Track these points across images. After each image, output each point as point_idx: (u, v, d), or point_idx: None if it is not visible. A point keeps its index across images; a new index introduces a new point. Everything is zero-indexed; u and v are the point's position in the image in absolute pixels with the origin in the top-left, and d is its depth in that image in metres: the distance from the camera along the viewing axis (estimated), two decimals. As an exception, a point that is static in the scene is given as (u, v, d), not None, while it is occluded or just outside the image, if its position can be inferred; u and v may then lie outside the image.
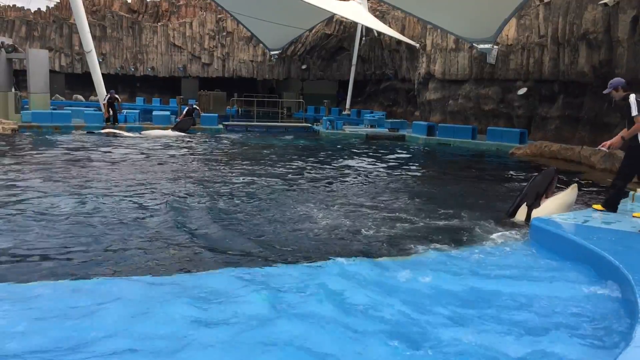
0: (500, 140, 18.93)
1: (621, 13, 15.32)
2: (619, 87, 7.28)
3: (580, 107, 17.82)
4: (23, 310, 4.27)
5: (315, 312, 4.32)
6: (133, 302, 4.44)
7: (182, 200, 9.02)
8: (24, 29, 40.11)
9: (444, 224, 7.87)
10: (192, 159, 14.64)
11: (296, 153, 17.01)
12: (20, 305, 4.36)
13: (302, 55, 38.49)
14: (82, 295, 4.60)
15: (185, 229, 7.18)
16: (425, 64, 25.17)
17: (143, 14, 42.45)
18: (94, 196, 8.97)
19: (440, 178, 12.92)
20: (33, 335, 3.81)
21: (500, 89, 21.27)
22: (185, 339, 3.81)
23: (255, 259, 5.98)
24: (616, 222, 6.72)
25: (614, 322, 4.19)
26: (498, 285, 5.06)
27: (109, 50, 40.11)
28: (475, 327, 4.13)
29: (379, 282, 5.06)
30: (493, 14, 18.38)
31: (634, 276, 4.53)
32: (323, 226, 7.52)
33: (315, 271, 5.42)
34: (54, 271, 5.41)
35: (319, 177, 12.03)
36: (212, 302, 4.48)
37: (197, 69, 40.23)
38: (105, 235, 6.72)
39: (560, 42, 18.16)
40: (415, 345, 3.80)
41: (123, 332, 3.90)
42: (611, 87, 7.31)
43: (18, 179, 10.43)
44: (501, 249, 6.45)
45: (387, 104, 33.75)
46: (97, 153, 15.03)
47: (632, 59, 15.14)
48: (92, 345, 3.69)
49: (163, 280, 5.12)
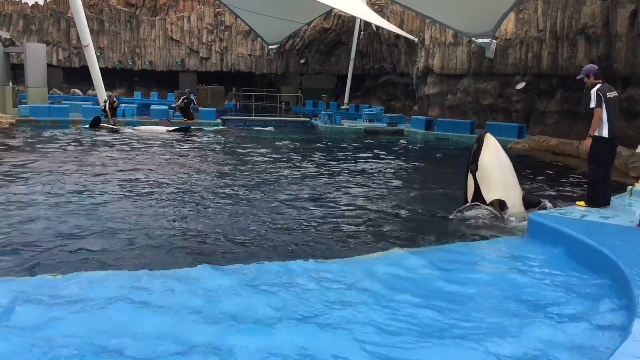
0: (499, 134, 18.63)
1: (620, 7, 15.30)
2: (590, 74, 7.11)
3: (579, 101, 17.80)
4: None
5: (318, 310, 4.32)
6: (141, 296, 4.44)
7: (175, 196, 9.02)
8: (22, 23, 39.91)
9: (441, 217, 7.89)
10: (187, 155, 14.62)
11: (293, 148, 16.97)
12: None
13: (300, 50, 38.40)
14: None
15: (173, 224, 7.18)
16: (424, 58, 25.12)
17: (141, 8, 42.30)
18: (89, 191, 8.97)
19: (437, 172, 12.92)
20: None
21: (499, 84, 21.26)
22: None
23: (241, 255, 5.99)
24: (614, 216, 6.73)
25: (611, 317, 4.19)
26: (494, 279, 5.07)
27: (106, 44, 39.95)
28: (474, 323, 4.14)
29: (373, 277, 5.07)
30: (492, 8, 18.34)
31: (631, 270, 4.54)
32: (322, 223, 7.52)
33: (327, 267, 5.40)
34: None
35: (316, 173, 12.02)
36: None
37: (195, 63, 40.12)
38: (108, 230, 6.72)
39: (559, 36, 18.14)
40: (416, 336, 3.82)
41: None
42: (583, 74, 7.16)
43: (13, 172, 10.41)
44: (498, 244, 6.46)
45: (385, 98, 33.72)
46: (95, 148, 15.01)
47: (631, 53, 15.13)
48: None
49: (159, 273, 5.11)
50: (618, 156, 12.81)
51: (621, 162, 12.57)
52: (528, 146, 16.77)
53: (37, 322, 3.88)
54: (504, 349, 3.69)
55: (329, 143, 18.71)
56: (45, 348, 3.51)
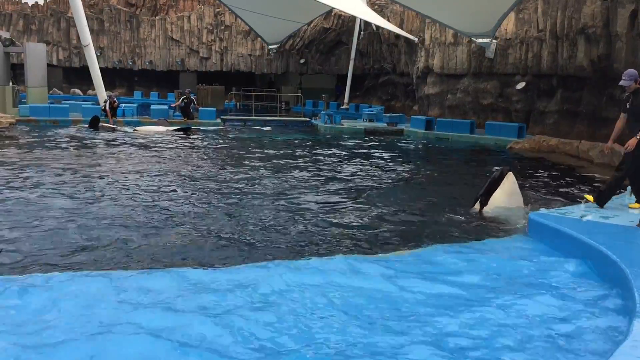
0: (499, 134, 18.92)
1: (620, 7, 15.29)
2: (637, 79, 6.96)
3: (579, 101, 17.81)
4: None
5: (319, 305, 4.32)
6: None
7: (171, 195, 9.02)
8: (22, 23, 39.91)
9: (441, 217, 7.89)
10: (189, 155, 14.62)
11: (293, 148, 16.97)
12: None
13: (300, 50, 38.40)
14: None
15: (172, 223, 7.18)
16: (424, 58, 25.12)
17: (141, 8, 42.31)
18: (90, 189, 8.97)
19: (437, 172, 12.91)
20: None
21: (499, 83, 21.26)
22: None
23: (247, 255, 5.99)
24: (614, 216, 6.73)
25: (611, 317, 4.20)
26: (491, 279, 5.07)
27: (106, 44, 39.96)
28: (473, 320, 4.14)
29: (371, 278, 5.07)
30: (492, 7, 18.34)
31: (631, 270, 4.54)
32: (318, 221, 7.53)
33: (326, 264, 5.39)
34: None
35: (316, 172, 12.02)
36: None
37: (195, 63, 40.12)
38: (110, 230, 6.72)
39: (559, 36, 18.14)
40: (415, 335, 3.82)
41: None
42: (631, 80, 6.95)
43: (12, 172, 10.41)
44: (498, 243, 6.46)
45: (385, 98, 33.72)
46: (95, 147, 15.01)
47: (631, 53, 15.12)
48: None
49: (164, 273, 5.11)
50: (617, 157, 12.82)
51: (621, 162, 12.55)
52: (528, 146, 16.77)
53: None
54: (501, 346, 3.70)
55: (329, 143, 18.70)
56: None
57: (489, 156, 16.50)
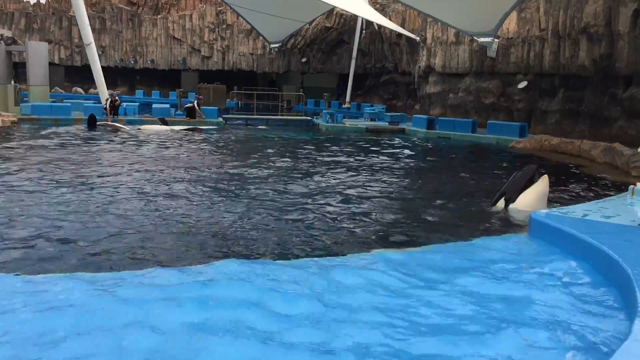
0: (500, 133, 18.90)
1: (622, 6, 15.28)
2: None
3: (581, 100, 17.80)
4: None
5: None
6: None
7: (169, 194, 9.03)
8: (24, 21, 39.99)
9: (441, 216, 7.88)
10: (190, 154, 14.63)
11: (294, 147, 16.98)
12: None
13: (302, 49, 38.39)
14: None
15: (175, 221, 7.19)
16: (426, 57, 25.11)
17: (142, 7, 42.35)
18: (89, 189, 8.98)
19: (438, 171, 12.91)
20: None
21: (501, 83, 21.25)
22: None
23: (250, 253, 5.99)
24: (616, 215, 6.71)
25: (612, 317, 4.19)
26: (495, 279, 5.06)
27: (108, 42, 40.03)
28: (473, 320, 4.13)
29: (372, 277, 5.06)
30: (494, 7, 18.33)
31: (633, 270, 4.53)
32: (320, 219, 7.53)
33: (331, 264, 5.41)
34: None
35: (316, 171, 12.02)
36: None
37: (197, 61, 40.15)
38: (118, 228, 6.73)
39: (561, 35, 18.12)
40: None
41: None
42: None
43: (16, 172, 10.43)
44: (499, 243, 6.44)
45: (387, 97, 33.72)
46: (95, 146, 15.03)
47: (633, 52, 15.11)
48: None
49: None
50: (620, 156, 12.82)
51: (623, 162, 12.55)
52: (530, 145, 16.75)
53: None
54: (502, 346, 3.69)
55: (330, 142, 18.70)
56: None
57: (490, 156, 16.49)
